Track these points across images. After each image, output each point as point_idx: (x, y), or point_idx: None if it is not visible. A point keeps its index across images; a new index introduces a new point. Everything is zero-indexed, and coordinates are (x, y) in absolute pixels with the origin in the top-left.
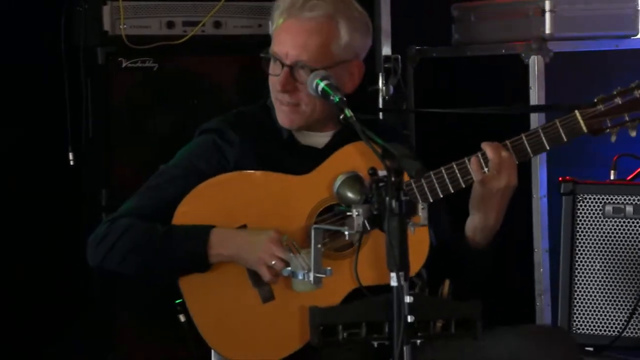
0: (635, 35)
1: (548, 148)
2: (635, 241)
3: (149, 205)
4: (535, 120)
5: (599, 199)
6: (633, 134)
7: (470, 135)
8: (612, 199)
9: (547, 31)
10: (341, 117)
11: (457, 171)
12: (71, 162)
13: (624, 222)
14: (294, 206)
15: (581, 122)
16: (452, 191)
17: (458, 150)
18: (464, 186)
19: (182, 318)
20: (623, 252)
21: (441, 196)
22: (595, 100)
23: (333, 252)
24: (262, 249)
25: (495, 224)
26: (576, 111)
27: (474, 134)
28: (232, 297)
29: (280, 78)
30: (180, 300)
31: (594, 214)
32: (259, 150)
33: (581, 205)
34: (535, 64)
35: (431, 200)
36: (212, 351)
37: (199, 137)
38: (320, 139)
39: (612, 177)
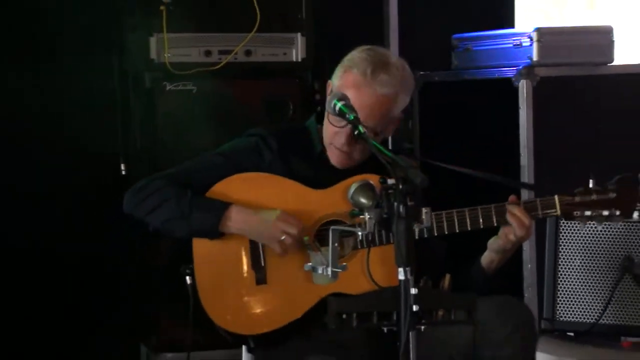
0: (611, 62)
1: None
2: (610, 241)
3: (186, 178)
4: (525, 156)
5: None
6: (600, 227)
7: (471, 152)
8: None
9: (535, 58)
10: (355, 132)
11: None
12: (123, 172)
13: (602, 225)
14: (304, 212)
15: (557, 205)
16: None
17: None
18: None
19: (188, 280)
20: (600, 250)
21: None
22: (575, 191)
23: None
24: (272, 226)
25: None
26: (556, 196)
27: (474, 152)
28: (231, 271)
29: (345, 134)
30: (192, 265)
31: None
32: (291, 160)
33: None
34: (524, 87)
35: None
36: (243, 348)
37: (245, 137)
38: None
39: (591, 186)
